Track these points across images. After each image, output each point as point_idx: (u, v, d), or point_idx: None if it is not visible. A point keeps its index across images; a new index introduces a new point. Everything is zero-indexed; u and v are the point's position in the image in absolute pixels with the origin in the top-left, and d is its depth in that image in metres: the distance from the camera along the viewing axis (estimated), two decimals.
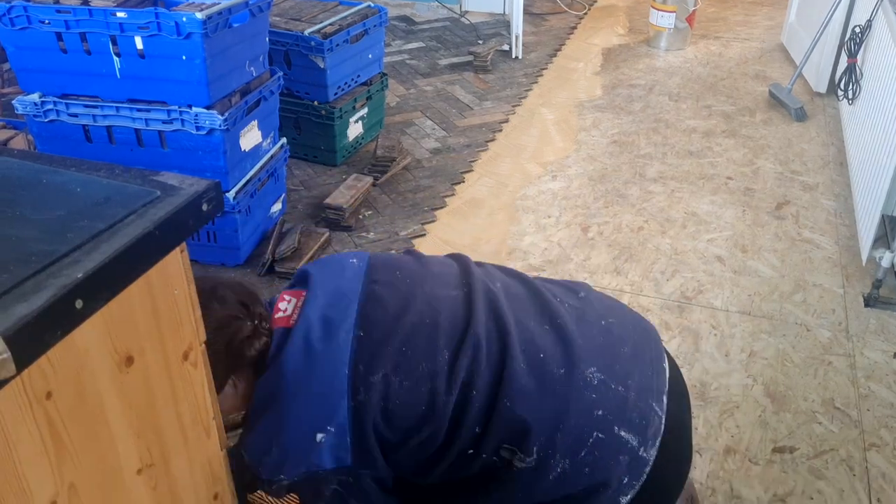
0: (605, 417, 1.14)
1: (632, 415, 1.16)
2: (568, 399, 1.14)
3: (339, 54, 2.89)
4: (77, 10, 2.07)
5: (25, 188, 0.88)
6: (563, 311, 1.24)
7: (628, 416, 1.16)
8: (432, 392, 1.13)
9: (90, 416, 0.81)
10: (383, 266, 1.27)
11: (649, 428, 1.16)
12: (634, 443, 1.15)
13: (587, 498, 1.15)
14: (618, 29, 4.87)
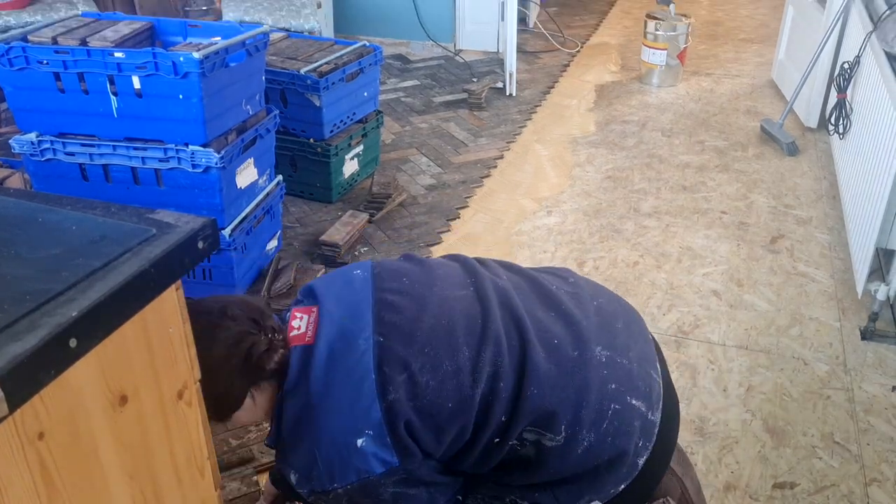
0: (618, 389, 1.24)
1: (638, 383, 1.27)
2: (586, 378, 1.23)
3: (335, 92, 2.92)
4: (75, 50, 2.09)
5: (21, 227, 0.88)
6: (562, 296, 1.34)
7: (635, 384, 1.27)
8: (458, 388, 1.19)
9: (83, 458, 0.80)
10: (389, 274, 1.32)
11: (653, 394, 1.28)
12: (643, 408, 1.26)
13: (612, 465, 1.24)
14: (610, 66, 4.93)
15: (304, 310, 1.28)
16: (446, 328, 1.23)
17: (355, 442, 1.17)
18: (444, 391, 1.19)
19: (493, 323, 1.24)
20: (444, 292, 1.29)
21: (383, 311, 1.23)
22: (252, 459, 1.87)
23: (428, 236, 2.88)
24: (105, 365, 0.81)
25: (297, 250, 2.78)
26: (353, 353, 1.19)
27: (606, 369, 1.25)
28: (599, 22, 5.99)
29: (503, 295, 1.30)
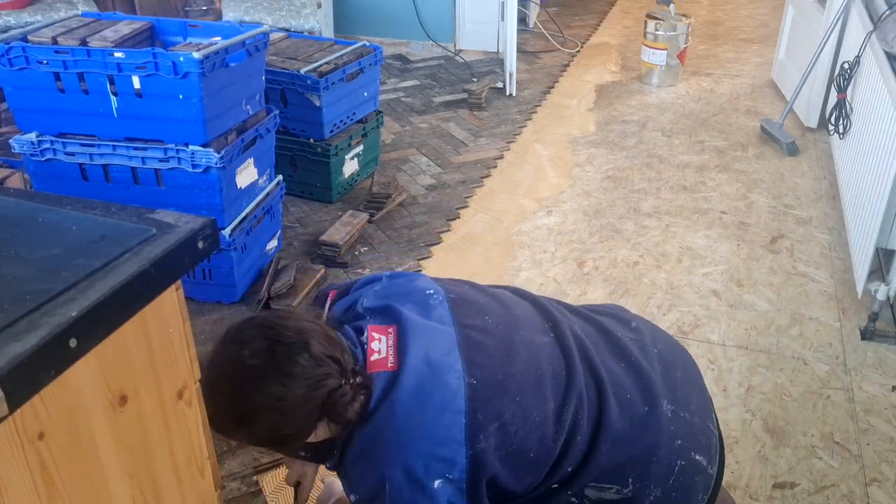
0: (684, 445, 1.24)
1: (700, 438, 1.27)
2: (657, 435, 1.23)
3: (335, 92, 2.92)
4: (75, 50, 2.09)
5: (21, 227, 0.88)
6: (630, 346, 1.32)
7: (698, 439, 1.27)
8: (542, 439, 1.17)
9: (83, 457, 0.80)
10: (467, 306, 1.27)
11: (711, 447, 1.29)
12: (705, 463, 1.27)
13: None
14: (610, 66, 4.93)
15: (381, 329, 1.20)
16: (535, 377, 1.20)
17: (432, 484, 1.11)
18: (529, 441, 1.16)
19: (577, 375, 1.23)
20: (529, 337, 1.25)
21: (472, 352, 1.18)
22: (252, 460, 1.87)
23: (428, 236, 2.88)
24: (105, 365, 0.81)
25: (297, 250, 2.78)
26: (444, 390, 1.14)
27: (673, 425, 1.25)
28: (599, 22, 5.99)
29: (581, 344, 1.28)
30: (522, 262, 2.72)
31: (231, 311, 2.42)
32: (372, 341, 1.18)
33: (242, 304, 2.46)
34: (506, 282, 2.61)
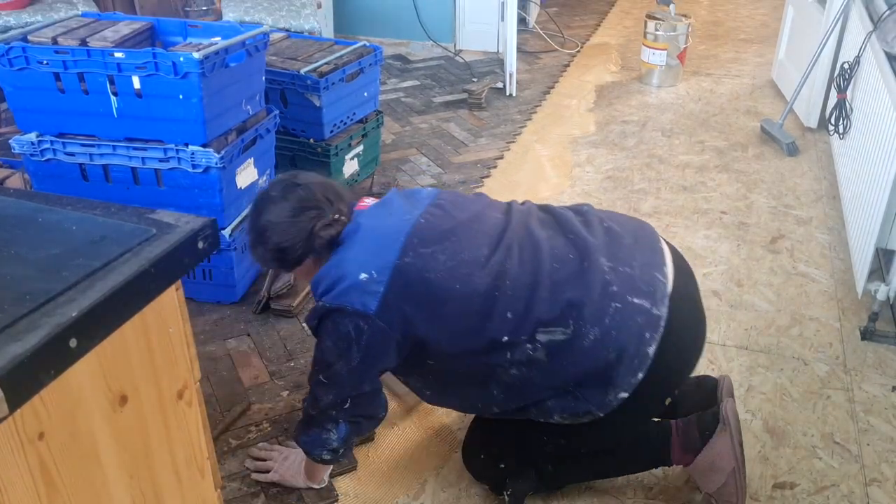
0: (619, 291, 1.47)
1: (639, 285, 1.49)
2: (590, 283, 1.47)
3: (335, 92, 2.92)
4: (75, 50, 2.09)
5: (21, 227, 0.88)
6: (575, 222, 1.59)
7: (637, 286, 1.48)
8: (468, 275, 1.46)
9: (83, 458, 0.80)
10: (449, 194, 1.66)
11: (656, 292, 1.49)
12: (647, 305, 1.47)
13: (621, 356, 1.45)
14: (610, 66, 4.93)
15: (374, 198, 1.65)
16: (475, 229, 1.54)
17: (359, 275, 1.45)
18: (455, 272, 1.46)
19: (510, 234, 1.53)
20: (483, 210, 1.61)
21: (432, 208, 1.57)
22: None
23: None
24: (105, 365, 0.81)
25: None
26: (398, 219, 1.52)
27: (609, 276, 1.48)
28: (599, 22, 5.99)
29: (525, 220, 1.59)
30: None
31: (231, 311, 2.42)
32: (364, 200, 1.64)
33: (242, 304, 2.46)
34: None
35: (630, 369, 1.46)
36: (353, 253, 1.49)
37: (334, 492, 1.78)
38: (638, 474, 1.83)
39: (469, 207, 1.60)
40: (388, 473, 1.85)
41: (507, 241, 1.52)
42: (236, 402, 2.04)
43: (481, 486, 1.80)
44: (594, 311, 1.45)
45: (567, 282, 1.47)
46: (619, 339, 1.45)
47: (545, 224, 1.59)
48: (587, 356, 1.46)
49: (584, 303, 1.45)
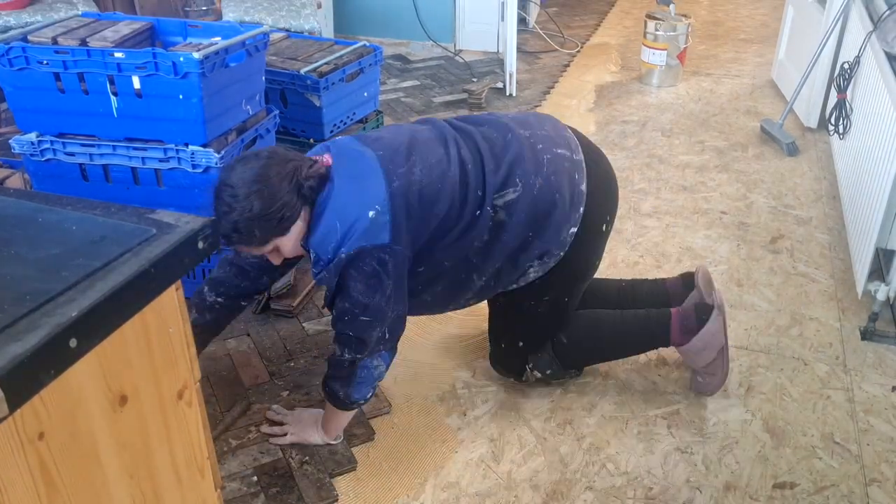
0: (544, 147, 1.81)
1: (557, 140, 1.84)
2: (520, 146, 1.79)
3: (335, 92, 2.92)
4: (75, 50, 2.09)
5: (21, 227, 0.88)
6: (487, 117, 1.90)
7: (555, 141, 1.83)
8: (443, 173, 1.70)
9: (83, 458, 0.80)
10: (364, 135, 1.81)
11: (571, 143, 1.85)
12: (567, 153, 1.82)
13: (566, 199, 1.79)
14: (610, 66, 4.93)
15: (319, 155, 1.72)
16: (422, 140, 1.76)
17: (367, 213, 1.60)
18: (434, 174, 1.69)
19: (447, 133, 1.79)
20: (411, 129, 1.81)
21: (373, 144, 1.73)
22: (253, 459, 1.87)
23: None
24: (105, 365, 0.81)
25: None
26: (363, 160, 1.68)
27: (531, 139, 1.81)
28: (599, 22, 5.99)
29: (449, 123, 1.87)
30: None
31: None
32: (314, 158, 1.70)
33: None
34: None
35: (573, 206, 1.80)
36: (343, 201, 1.62)
37: (334, 492, 1.78)
38: (638, 475, 1.83)
39: (398, 133, 1.79)
40: (388, 473, 1.85)
41: (451, 139, 1.77)
42: (236, 402, 2.04)
43: (481, 486, 1.80)
44: (532, 166, 1.77)
45: (503, 151, 1.78)
46: (557, 182, 1.78)
47: (464, 122, 1.88)
48: (537, 204, 1.76)
49: (523, 160, 1.76)
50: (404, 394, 2.11)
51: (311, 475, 1.82)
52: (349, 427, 1.95)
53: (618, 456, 1.90)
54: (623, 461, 1.88)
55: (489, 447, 1.93)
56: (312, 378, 2.13)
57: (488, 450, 1.92)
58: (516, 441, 1.95)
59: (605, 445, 1.93)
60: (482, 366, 2.20)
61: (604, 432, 1.97)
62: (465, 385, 2.14)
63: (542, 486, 1.81)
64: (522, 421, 2.01)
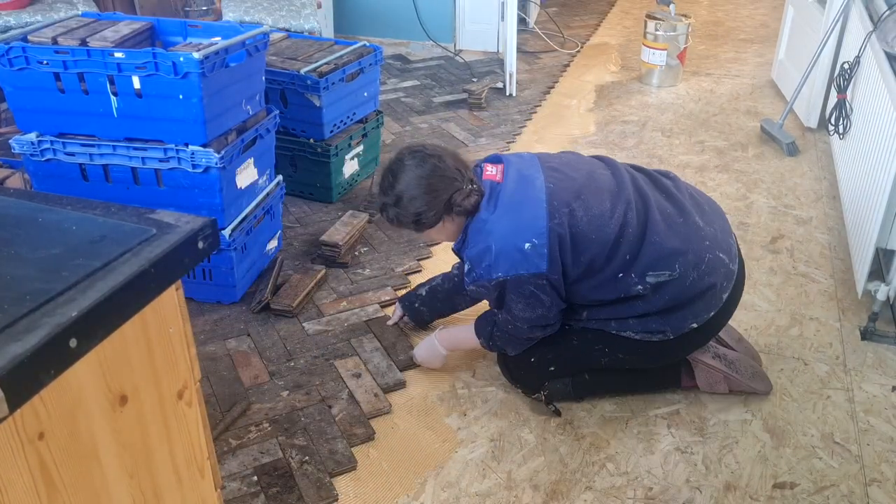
0: (710, 245, 1.87)
1: (722, 244, 1.90)
2: (690, 235, 1.85)
3: (335, 92, 2.92)
4: (75, 50, 2.09)
5: (21, 227, 0.88)
6: (668, 184, 1.95)
7: (720, 243, 1.89)
8: (600, 225, 1.80)
9: (83, 457, 0.80)
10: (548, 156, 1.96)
11: (731, 251, 1.92)
12: (727, 260, 1.89)
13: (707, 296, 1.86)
14: (610, 66, 4.93)
15: (494, 165, 1.90)
16: (595, 188, 1.85)
17: (523, 245, 1.76)
18: (591, 225, 1.79)
19: (625, 190, 1.86)
20: (592, 169, 1.92)
21: (549, 172, 1.86)
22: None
23: None
24: (105, 365, 0.81)
25: (297, 250, 2.78)
26: (532, 188, 1.81)
27: (702, 231, 1.86)
28: (599, 22, 5.99)
29: (632, 177, 1.93)
30: None
31: (231, 311, 2.42)
32: (486, 169, 1.90)
33: (242, 304, 2.46)
34: None
35: (708, 307, 1.87)
36: (503, 226, 1.78)
37: (334, 491, 1.78)
38: (638, 475, 1.83)
39: (578, 167, 1.91)
40: (388, 473, 1.85)
41: (625, 196, 1.84)
42: (237, 401, 2.04)
43: (481, 486, 1.80)
44: (695, 259, 1.83)
45: (672, 233, 1.83)
46: (708, 283, 1.84)
47: (646, 182, 1.94)
48: (683, 294, 1.83)
49: (688, 251, 1.82)
50: (404, 394, 2.11)
51: (311, 475, 1.82)
52: (349, 427, 1.95)
53: (618, 456, 1.90)
54: (623, 461, 1.88)
55: (489, 447, 1.93)
56: (313, 378, 2.13)
57: (488, 450, 1.92)
58: (516, 441, 1.95)
59: (605, 445, 1.93)
60: (482, 366, 2.20)
61: (604, 432, 1.97)
62: (465, 385, 2.14)
63: (542, 486, 1.81)
64: (522, 421, 2.01)
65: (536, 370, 2.01)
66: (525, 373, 2.05)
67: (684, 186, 1.98)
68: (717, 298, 1.86)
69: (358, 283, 2.58)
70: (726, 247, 1.89)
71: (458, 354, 2.24)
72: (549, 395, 2.02)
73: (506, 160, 1.91)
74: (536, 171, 1.85)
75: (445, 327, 2.19)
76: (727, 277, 1.88)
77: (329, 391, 2.09)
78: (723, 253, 1.87)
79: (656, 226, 1.82)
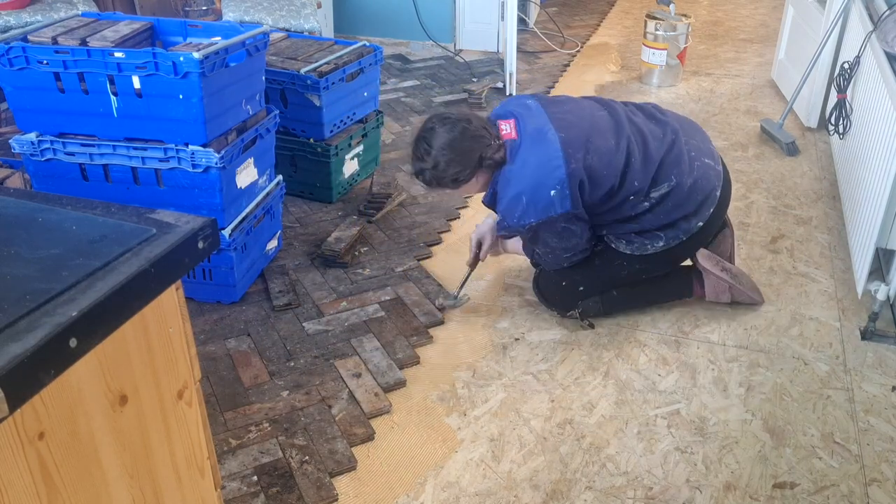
0: (697, 155, 2.21)
1: (706, 151, 2.24)
2: (679, 150, 2.18)
3: (335, 92, 2.92)
4: (75, 50, 2.09)
5: (21, 227, 0.88)
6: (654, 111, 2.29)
7: (705, 151, 2.24)
8: (610, 161, 2.10)
9: (83, 457, 0.80)
10: (552, 103, 2.21)
11: (715, 155, 2.28)
12: (712, 163, 2.23)
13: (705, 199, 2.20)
14: (610, 66, 4.93)
15: (506, 122, 2.16)
16: (599, 128, 2.14)
17: (549, 193, 2.06)
18: (602, 162, 2.09)
19: (623, 126, 2.16)
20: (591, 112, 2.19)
21: (557, 122, 2.11)
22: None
23: (428, 236, 2.88)
24: (105, 365, 0.81)
25: (297, 250, 2.78)
26: (546, 140, 2.08)
27: (687, 146, 2.20)
28: (599, 22, 5.99)
29: (626, 112, 2.23)
30: (523, 262, 2.72)
31: (231, 311, 2.42)
32: (502, 126, 2.15)
33: (242, 304, 2.46)
34: (506, 283, 2.62)
35: (707, 205, 2.20)
36: (528, 178, 2.07)
37: (334, 491, 1.78)
38: (638, 475, 1.83)
39: (580, 114, 2.17)
40: (388, 473, 1.85)
41: (625, 132, 2.14)
42: (238, 403, 2.04)
43: (481, 486, 1.80)
44: (687, 167, 2.16)
45: (668, 151, 2.16)
46: (702, 185, 2.19)
47: (636, 114, 2.24)
48: (684, 198, 2.16)
49: (680, 162, 2.16)
50: (404, 393, 2.11)
51: (311, 475, 1.82)
52: (349, 427, 1.95)
53: (618, 456, 1.90)
54: (623, 461, 1.88)
55: (489, 447, 1.93)
56: (313, 378, 2.13)
57: (488, 450, 1.92)
58: (516, 441, 1.95)
59: (605, 445, 1.93)
60: (482, 366, 2.21)
61: (604, 432, 1.97)
62: (465, 385, 2.14)
63: (542, 486, 1.81)
64: (522, 421, 2.01)
65: (568, 292, 2.33)
66: (559, 296, 2.36)
67: (667, 111, 2.32)
68: (712, 197, 2.20)
69: (358, 283, 2.58)
70: (709, 152, 2.24)
71: (457, 353, 2.24)
72: (582, 312, 2.34)
73: (516, 115, 2.15)
74: (545, 122, 2.10)
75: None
76: (716, 177, 2.22)
77: (329, 391, 2.09)
78: (708, 158, 2.22)
79: (653, 150, 2.15)
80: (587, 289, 2.33)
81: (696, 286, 2.41)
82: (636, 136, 2.16)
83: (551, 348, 2.28)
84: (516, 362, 2.22)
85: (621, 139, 2.13)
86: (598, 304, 2.35)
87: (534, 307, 2.46)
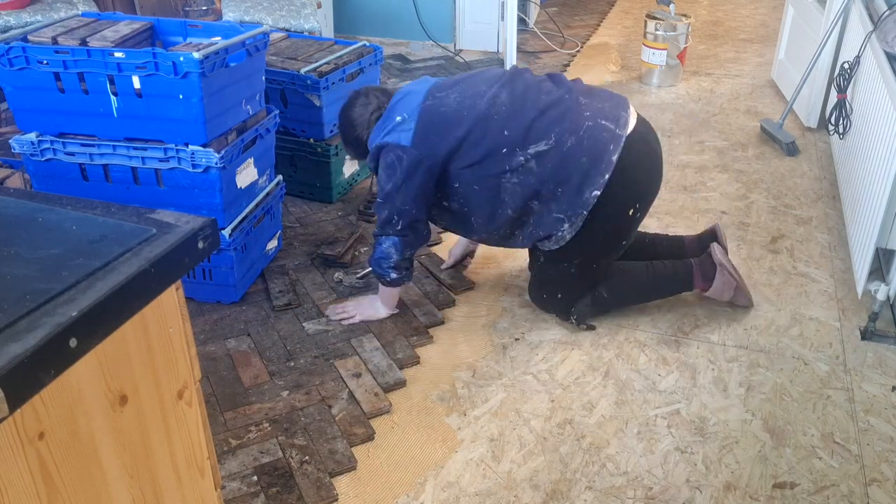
0: (592, 115, 2.07)
1: (608, 114, 2.08)
2: (567, 109, 2.08)
3: (335, 92, 2.92)
4: (75, 50, 2.09)
5: (21, 227, 0.88)
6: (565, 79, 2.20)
7: (606, 114, 2.08)
8: (471, 105, 2.07)
9: (83, 457, 0.80)
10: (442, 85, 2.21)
11: (620, 120, 2.08)
12: (612, 126, 2.07)
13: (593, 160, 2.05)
14: (610, 66, 4.93)
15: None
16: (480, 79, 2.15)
17: (395, 117, 2.09)
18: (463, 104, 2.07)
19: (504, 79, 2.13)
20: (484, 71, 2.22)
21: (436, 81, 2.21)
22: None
23: None
24: (105, 365, 0.81)
25: (298, 250, 2.78)
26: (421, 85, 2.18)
27: (584, 107, 2.08)
28: (599, 22, 5.99)
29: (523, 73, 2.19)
30: (524, 260, 2.72)
31: (231, 311, 2.42)
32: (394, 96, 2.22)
33: (242, 304, 2.46)
34: (505, 283, 2.62)
35: (598, 171, 2.04)
36: (392, 112, 2.12)
37: (334, 491, 1.78)
38: (638, 475, 1.84)
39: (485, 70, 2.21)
40: (388, 473, 1.85)
41: (504, 81, 2.12)
42: (238, 403, 2.04)
43: (481, 486, 1.80)
44: (571, 126, 2.04)
45: (550, 106, 2.07)
46: (589, 146, 2.04)
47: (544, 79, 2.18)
48: (565, 160, 2.04)
49: (564, 120, 2.05)
50: (404, 393, 2.11)
51: (311, 475, 1.82)
52: (349, 427, 1.95)
53: (618, 456, 1.90)
54: (623, 461, 1.88)
55: (489, 447, 1.93)
56: (313, 378, 2.13)
57: (488, 450, 1.92)
58: (516, 441, 1.95)
59: (605, 445, 1.93)
60: (482, 366, 2.21)
61: (604, 432, 1.97)
62: (465, 385, 2.14)
63: (542, 486, 1.81)
64: (522, 421, 2.01)
65: (552, 301, 2.34)
66: (548, 306, 2.38)
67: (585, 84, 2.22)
68: (605, 162, 2.04)
69: (356, 284, 2.58)
70: (613, 117, 2.07)
71: (457, 352, 2.24)
72: (578, 316, 2.31)
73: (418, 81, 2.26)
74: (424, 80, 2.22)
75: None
76: (613, 141, 2.05)
77: (329, 391, 2.09)
78: (607, 121, 2.06)
79: (532, 99, 2.07)
80: (564, 295, 2.30)
81: (697, 279, 2.37)
82: (518, 86, 2.11)
83: (551, 348, 2.28)
84: (516, 362, 2.22)
85: (494, 85, 2.11)
86: (589, 306, 2.32)
87: (534, 307, 2.46)
